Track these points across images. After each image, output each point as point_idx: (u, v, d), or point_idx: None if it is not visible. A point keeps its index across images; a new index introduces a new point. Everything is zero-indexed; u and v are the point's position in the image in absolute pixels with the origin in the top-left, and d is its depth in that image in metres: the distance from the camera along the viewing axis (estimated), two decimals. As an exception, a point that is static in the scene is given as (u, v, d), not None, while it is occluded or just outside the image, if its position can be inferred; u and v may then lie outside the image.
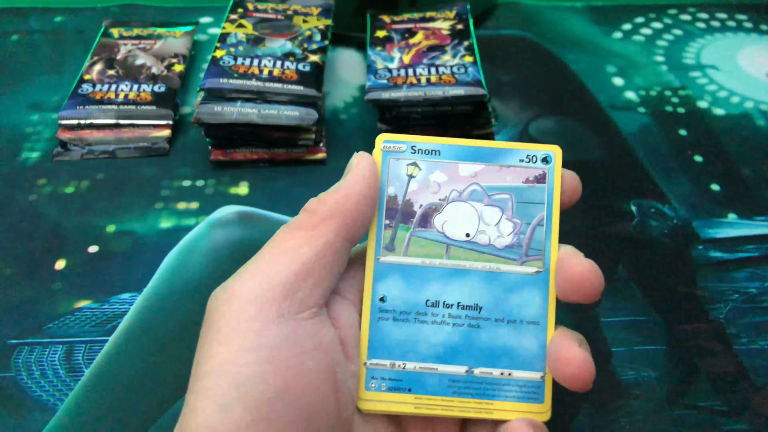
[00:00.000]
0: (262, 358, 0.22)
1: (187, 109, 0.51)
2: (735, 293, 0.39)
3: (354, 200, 0.25)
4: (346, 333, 0.25)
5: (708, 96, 0.53)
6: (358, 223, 0.25)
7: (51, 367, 0.35)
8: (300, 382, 0.22)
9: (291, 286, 0.23)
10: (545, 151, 0.27)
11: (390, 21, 0.54)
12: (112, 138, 0.47)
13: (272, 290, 0.23)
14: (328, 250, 0.24)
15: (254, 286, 0.23)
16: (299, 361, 0.22)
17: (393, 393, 0.26)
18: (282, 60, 0.47)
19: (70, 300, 0.38)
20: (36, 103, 0.51)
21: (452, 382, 0.26)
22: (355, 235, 0.25)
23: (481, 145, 0.27)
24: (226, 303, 0.23)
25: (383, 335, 0.26)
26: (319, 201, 0.25)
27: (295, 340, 0.23)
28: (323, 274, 0.24)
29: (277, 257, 0.24)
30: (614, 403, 0.34)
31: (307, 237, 0.24)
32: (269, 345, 0.22)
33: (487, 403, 0.25)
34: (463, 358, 0.26)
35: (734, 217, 0.43)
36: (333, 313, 0.25)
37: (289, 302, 0.23)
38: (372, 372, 0.26)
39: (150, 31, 0.55)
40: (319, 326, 0.24)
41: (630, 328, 0.37)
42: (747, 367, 0.35)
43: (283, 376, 0.22)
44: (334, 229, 0.24)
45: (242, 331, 0.22)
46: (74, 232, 0.42)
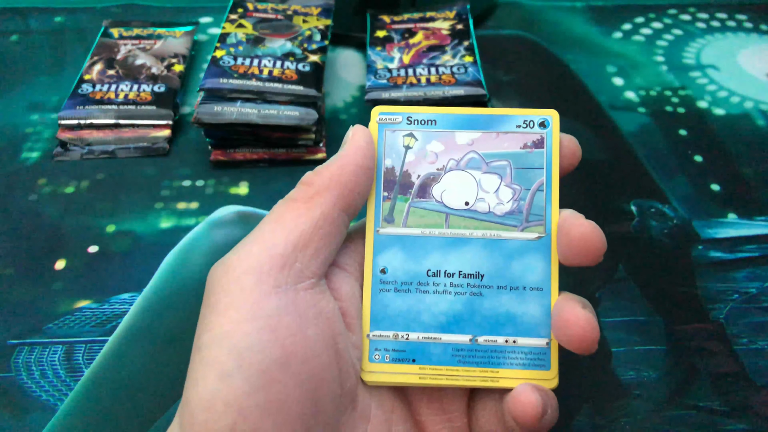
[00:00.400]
0: (260, 327, 0.22)
1: (187, 109, 0.51)
2: (735, 293, 0.39)
3: (350, 171, 0.25)
4: (348, 304, 0.25)
5: (708, 96, 0.53)
6: (355, 194, 0.25)
7: (51, 367, 0.35)
8: (301, 350, 0.22)
9: (288, 257, 0.23)
10: (542, 116, 0.27)
11: (390, 21, 0.54)
12: (112, 138, 0.47)
13: (270, 261, 0.23)
14: (325, 221, 0.24)
15: (251, 258, 0.23)
16: (299, 329, 0.23)
17: (397, 364, 0.25)
18: (282, 60, 0.47)
19: (70, 300, 0.38)
20: (36, 103, 0.51)
21: (456, 351, 0.25)
22: (352, 206, 0.25)
23: (478, 113, 0.27)
24: (224, 275, 0.23)
25: (385, 306, 0.26)
26: (315, 173, 0.25)
27: (294, 310, 0.23)
28: (321, 244, 0.24)
29: (274, 229, 0.24)
30: (614, 403, 0.34)
31: (304, 208, 0.24)
32: (267, 314, 0.22)
33: (492, 371, 0.25)
34: (467, 326, 0.26)
35: (734, 217, 0.43)
36: (333, 285, 0.25)
37: (287, 272, 0.23)
38: (375, 344, 0.26)
39: (150, 31, 0.55)
40: (318, 296, 0.24)
41: (630, 328, 0.37)
42: (747, 367, 0.35)
43: (282, 344, 0.22)
44: (330, 200, 0.24)
45: (240, 301, 0.22)
46: (74, 232, 0.42)
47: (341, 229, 0.25)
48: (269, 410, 0.21)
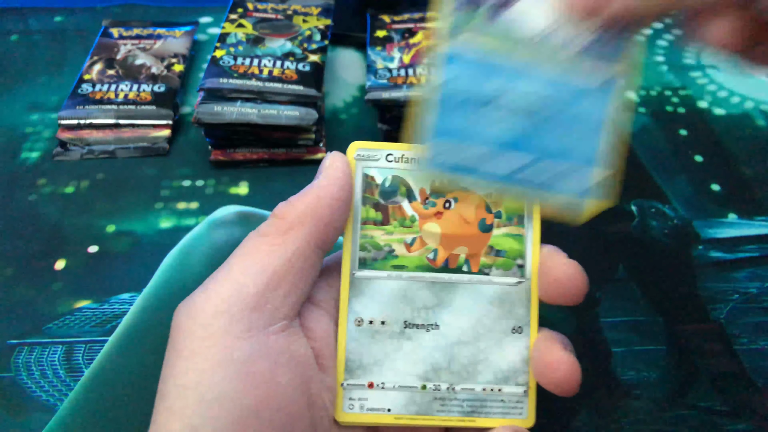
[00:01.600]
0: (231, 375, 0.21)
1: (187, 109, 0.51)
2: (735, 293, 0.39)
3: (326, 204, 0.23)
4: (322, 345, 0.24)
5: (708, 96, 0.53)
6: (331, 229, 0.23)
7: (51, 367, 0.35)
8: (272, 398, 0.21)
9: (260, 298, 0.22)
10: None
11: (390, 21, 0.54)
12: (111, 138, 0.47)
13: (240, 302, 0.21)
14: (299, 258, 0.23)
15: (221, 298, 0.22)
16: (271, 377, 0.21)
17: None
18: (282, 60, 0.47)
19: (69, 300, 0.38)
20: (36, 103, 0.51)
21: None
22: (327, 241, 0.24)
23: None
24: (192, 317, 0.21)
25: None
26: (289, 205, 0.23)
27: (266, 355, 0.21)
28: (294, 283, 0.23)
29: (245, 267, 0.22)
30: (614, 403, 0.34)
31: (276, 244, 0.23)
32: (239, 360, 0.21)
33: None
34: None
35: (734, 217, 0.43)
36: (307, 323, 0.24)
37: (259, 314, 0.22)
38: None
39: (150, 30, 0.55)
40: (291, 339, 0.22)
41: (630, 328, 0.37)
42: (747, 368, 0.35)
43: (254, 393, 0.21)
44: (305, 236, 0.23)
45: (209, 346, 0.21)
46: (74, 232, 0.42)
47: (316, 266, 0.24)
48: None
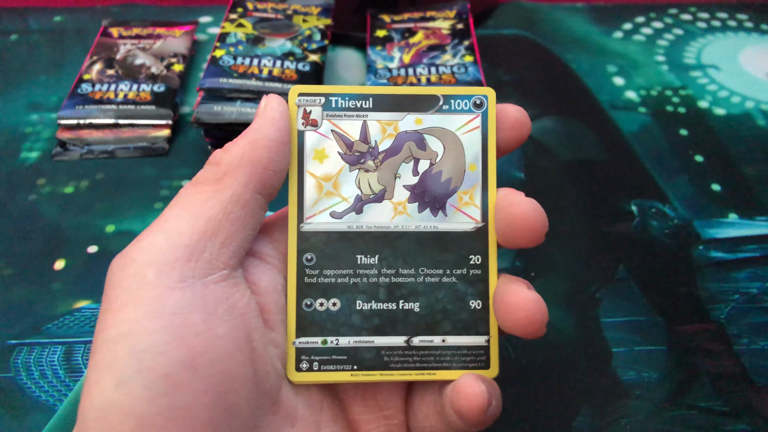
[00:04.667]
0: (162, 326, 0.20)
1: (187, 108, 0.51)
2: (736, 293, 0.39)
3: (263, 146, 0.22)
4: (267, 299, 0.23)
5: (709, 96, 0.53)
6: (270, 172, 0.22)
7: (50, 368, 0.35)
8: (209, 350, 0.20)
9: (195, 246, 0.21)
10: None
11: (390, 20, 0.54)
12: (111, 138, 0.47)
13: (173, 251, 0.20)
14: (236, 204, 0.22)
15: (153, 249, 0.21)
16: (207, 328, 0.20)
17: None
18: (282, 60, 0.47)
19: (69, 300, 0.38)
20: (35, 103, 0.51)
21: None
22: (267, 186, 0.23)
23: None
24: (123, 268, 0.21)
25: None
26: (224, 151, 0.22)
27: (201, 305, 0.20)
28: (233, 231, 0.22)
29: (178, 216, 0.21)
30: (614, 403, 0.34)
31: (211, 191, 0.22)
32: (171, 311, 0.20)
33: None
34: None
35: (735, 217, 0.43)
36: (252, 277, 0.23)
37: (194, 264, 0.21)
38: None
39: (149, 30, 0.55)
40: (231, 290, 0.21)
41: (630, 328, 0.37)
42: (747, 368, 0.35)
43: (187, 344, 0.20)
44: (241, 181, 0.22)
45: (140, 298, 0.20)
46: (74, 232, 0.42)
47: (256, 213, 0.22)
48: (173, 418, 0.19)
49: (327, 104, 0.24)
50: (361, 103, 0.24)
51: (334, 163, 0.24)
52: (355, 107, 0.24)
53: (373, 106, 0.24)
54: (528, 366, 0.35)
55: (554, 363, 0.35)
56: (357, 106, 0.24)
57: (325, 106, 0.24)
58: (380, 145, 0.24)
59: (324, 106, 0.24)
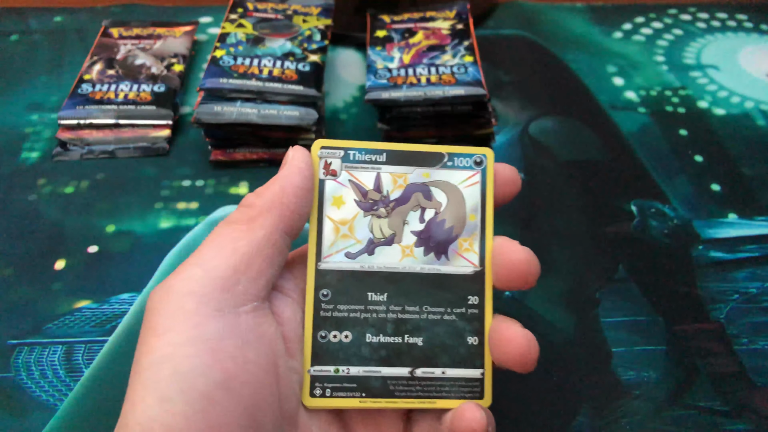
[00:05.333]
0: (201, 350, 0.22)
1: (187, 108, 0.51)
2: (735, 293, 0.39)
3: (291, 192, 0.25)
4: (288, 329, 0.25)
5: (708, 96, 0.53)
6: (296, 215, 0.25)
7: (51, 368, 0.35)
8: (241, 373, 0.22)
9: (230, 279, 0.23)
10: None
11: (390, 21, 0.54)
12: (111, 138, 0.47)
13: (211, 284, 0.23)
14: (266, 243, 0.24)
15: (192, 280, 0.23)
16: (241, 353, 0.22)
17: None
18: (282, 60, 0.47)
19: (69, 300, 0.38)
20: (36, 103, 0.51)
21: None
22: (293, 228, 0.25)
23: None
24: (165, 298, 0.23)
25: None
26: (256, 195, 0.25)
27: (235, 332, 0.23)
28: (263, 266, 0.24)
29: (215, 252, 0.23)
30: (614, 403, 0.34)
31: (245, 230, 0.24)
32: (208, 337, 0.22)
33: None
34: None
35: (734, 217, 0.43)
36: (275, 309, 0.25)
37: (229, 295, 0.23)
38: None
39: (150, 30, 0.55)
40: (260, 319, 0.24)
41: (630, 328, 0.37)
42: (747, 368, 0.35)
43: (223, 367, 0.22)
44: (272, 222, 0.24)
45: (181, 324, 0.22)
46: (74, 232, 0.42)
47: (283, 251, 0.25)
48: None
49: (346, 157, 0.27)
50: (376, 157, 0.27)
51: (350, 209, 0.27)
52: (371, 160, 0.27)
53: (387, 159, 0.27)
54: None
55: (554, 363, 0.35)
56: (372, 159, 0.27)
57: (344, 158, 0.27)
58: (391, 195, 0.27)
59: (343, 158, 0.27)
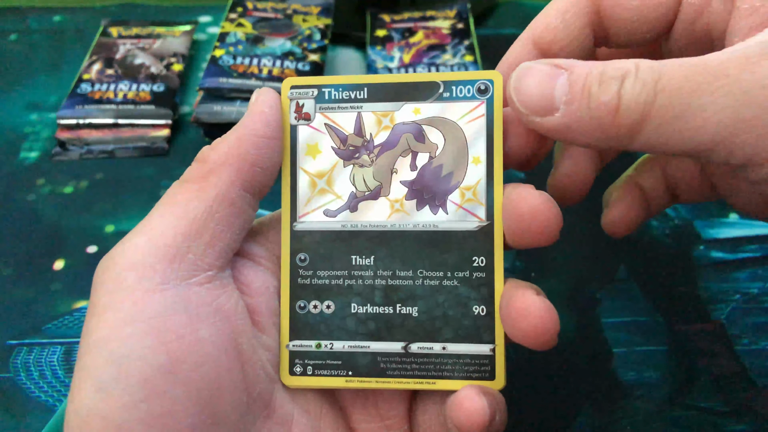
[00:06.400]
0: (142, 331, 0.19)
1: (187, 108, 0.51)
2: (736, 294, 0.39)
3: (249, 142, 0.21)
4: (258, 301, 0.22)
5: (709, 95, 0.53)
6: (257, 169, 0.21)
7: (50, 368, 0.35)
8: (191, 354, 0.20)
9: (178, 248, 0.20)
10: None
11: (390, 20, 0.54)
12: (111, 138, 0.47)
13: (155, 253, 0.20)
14: (221, 203, 0.21)
15: (135, 251, 0.20)
16: (189, 331, 0.20)
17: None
18: (281, 59, 0.47)
19: (68, 300, 0.38)
20: (34, 103, 0.51)
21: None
22: (255, 184, 0.22)
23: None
24: (106, 271, 0.20)
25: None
26: (211, 147, 0.22)
27: (183, 308, 0.20)
28: (218, 230, 0.21)
29: (162, 216, 0.21)
30: (615, 403, 0.34)
31: (196, 189, 0.21)
32: (150, 315, 0.19)
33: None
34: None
35: (736, 217, 0.43)
36: (244, 278, 0.22)
37: (177, 265, 0.20)
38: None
39: (149, 30, 0.54)
40: (217, 291, 0.21)
41: (631, 328, 0.37)
42: (748, 368, 0.35)
43: (168, 348, 0.19)
44: (227, 178, 0.21)
45: (120, 301, 0.19)
46: (73, 232, 0.42)
47: (244, 211, 0.22)
48: (154, 425, 0.19)
49: (320, 96, 0.23)
50: (356, 93, 0.23)
51: (327, 158, 0.23)
52: (349, 98, 0.23)
53: (368, 96, 0.23)
54: (528, 366, 0.35)
55: (554, 363, 0.35)
56: (351, 97, 0.23)
57: (318, 98, 0.23)
58: (375, 139, 0.23)
59: (317, 99, 0.23)
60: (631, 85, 0.18)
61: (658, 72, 0.18)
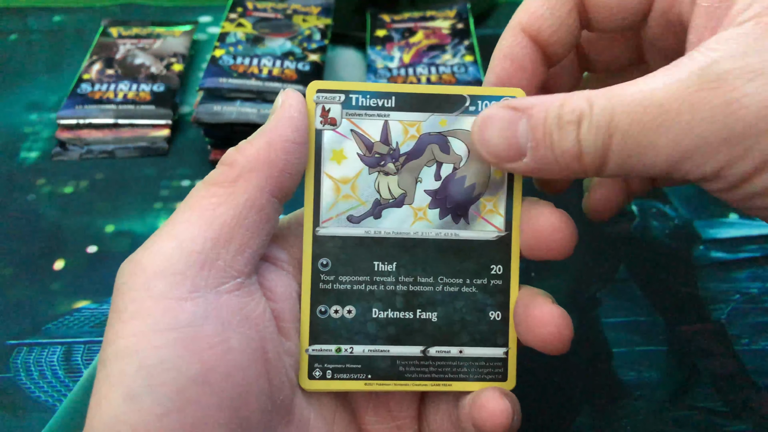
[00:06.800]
0: (173, 340, 0.19)
1: (187, 108, 0.51)
2: (736, 293, 0.39)
3: (279, 147, 0.21)
4: (282, 306, 0.22)
5: (709, 95, 0.53)
6: (286, 174, 0.21)
7: (50, 368, 0.35)
8: (222, 363, 0.19)
9: (208, 254, 0.20)
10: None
11: (390, 20, 0.54)
12: (111, 138, 0.47)
13: (185, 260, 0.20)
14: (251, 209, 0.21)
15: (164, 256, 0.20)
16: (221, 340, 0.20)
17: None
18: (281, 59, 0.47)
19: (69, 300, 0.38)
20: (35, 103, 0.51)
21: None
22: (283, 189, 0.22)
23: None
24: (133, 277, 0.20)
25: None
26: (238, 150, 0.21)
27: (215, 316, 0.20)
28: (247, 237, 0.21)
29: (190, 220, 0.20)
30: (615, 403, 0.34)
31: (225, 194, 0.21)
32: (182, 324, 0.19)
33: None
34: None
35: (735, 217, 0.43)
36: (267, 283, 0.22)
37: (207, 272, 0.20)
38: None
39: (149, 30, 0.54)
40: (246, 299, 0.21)
41: (631, 328, 0.37)
42: (748, 368, 0.35)
43: (200, 358, 0.19)
44: (257, 183, 0.21)
45: (149, 309, 0.19)
46: (73, 233, 0.42)
47: (272, 217, 0.22)
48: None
49: (347, 102, 0.23)
50: (383, 101, 0.23)
51: (352, 164, 0.23)
52: (377, 106, 0.23)
53: (396, 105, 0.23)
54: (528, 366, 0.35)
55: (554, 363, 0.35)
56: (378, 104, 0.23)
57: (345, 103, 0.23)
58: (401, 147, 0.23)
59: (344, 104, 0.23)
60: (586, 130, 0.19)
61: (609, 112, 0.19)
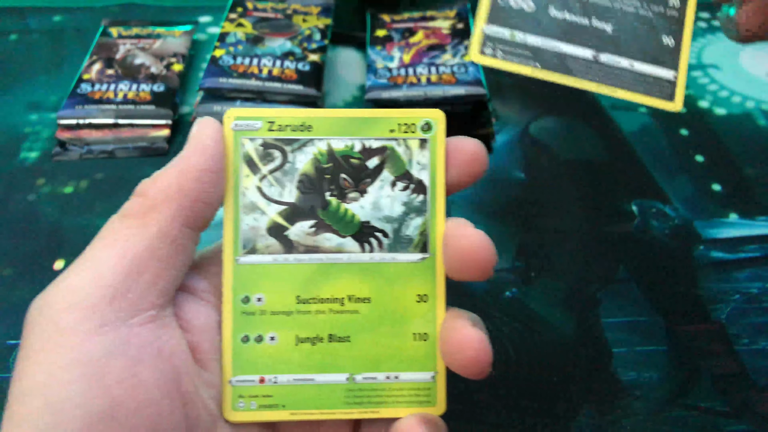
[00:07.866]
0: (80, 375, 0.18)
1: (187, 108, 0.51)
2: (736, 293, 0.39)
3: (192, 177, 0.21)
4: (200, 338, 0.22)
5: (709, 96, 0.53)
6: (200, 204, 0.21)
7: (50, 368, 0.35)
8: (132, 398, 0.19)
9: (119, 287, 0.20)
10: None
11: (390, 20, 0.54)
12: (111, 138, 0.47)
13: (94, 294, 0.19)
14: (163, 241, 0.20)
15: (73, 291, 0.19)
16: (131, 374, 0.19)
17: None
18: (281, 59, 0.47)
19: (68, 300, 0.38)
20: (35, 103, 0.51)
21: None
22: (198, 219, 0.21)
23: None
24: (41, 312, 0.19)
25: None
26: (152, 181, 0.21)
27: (124, 351, 0.19)
28: (160, 268, 0.20)
29: (102, 253, 0.20)
30: (615, 403, 0.34)
31: (137, 226, 0.20)
32: (90, 359, 0.19)
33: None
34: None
35: (735, 217, 0.43)
36: (184, 315, 0.22)
37: (118, 306, 0.19)
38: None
39: (149, 30, 0.54)
40: (159, 331, 0.20)
41: (631, 328, 0.37)
42: (748, 368, 0.35)
43: (108, 393, 0.19)
44: (168, 215, 0.21)
45: (57, 345, 0.19)
46: (73, 233, 0.42)
47: (186, 247, 0.21)
48: None
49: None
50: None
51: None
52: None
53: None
54: (528, 366, 0.35)
55: (554, 363, 0.35)
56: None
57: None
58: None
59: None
60: None
61: None
